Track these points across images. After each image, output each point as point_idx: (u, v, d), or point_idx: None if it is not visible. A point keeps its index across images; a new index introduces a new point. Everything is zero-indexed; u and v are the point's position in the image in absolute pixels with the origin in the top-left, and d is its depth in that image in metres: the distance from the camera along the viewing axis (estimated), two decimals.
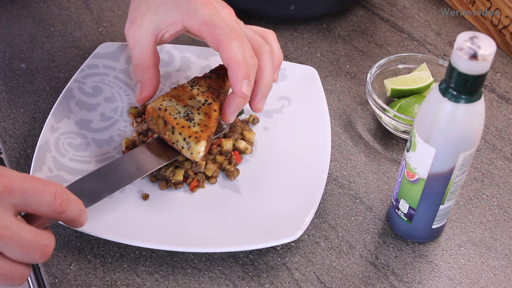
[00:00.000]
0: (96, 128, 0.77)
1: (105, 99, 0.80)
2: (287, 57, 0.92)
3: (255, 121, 0.80)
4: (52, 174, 0.71)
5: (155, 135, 0.75)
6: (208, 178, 0.74)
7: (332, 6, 0.96)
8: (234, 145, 0.76)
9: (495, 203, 0.76)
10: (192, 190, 0.73)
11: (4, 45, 0.91)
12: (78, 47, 0.91)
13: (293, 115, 0.80)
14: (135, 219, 0.69)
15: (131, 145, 0.75)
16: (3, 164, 0.80)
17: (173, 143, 0.70)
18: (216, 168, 0.74)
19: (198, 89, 0.73)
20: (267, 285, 0.67)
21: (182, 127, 0.69)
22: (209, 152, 0.74)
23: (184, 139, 0.69)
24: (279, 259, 0.69)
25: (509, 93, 0.89)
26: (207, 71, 0.79)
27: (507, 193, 0.77)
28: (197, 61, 0.85)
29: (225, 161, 0.75)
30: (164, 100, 0.71)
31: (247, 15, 0.98)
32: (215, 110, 0.71)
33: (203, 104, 0.71)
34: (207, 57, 0.85)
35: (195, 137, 0.69)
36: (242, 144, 0.76)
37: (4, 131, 0.80)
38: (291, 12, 0.93)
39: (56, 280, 0.66)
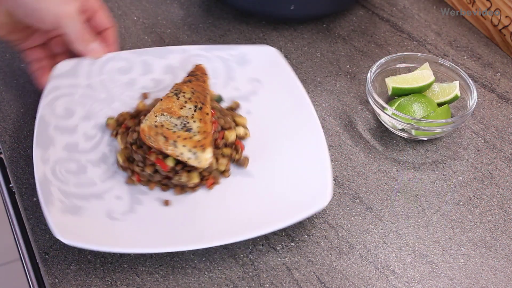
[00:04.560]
0: (85, 149, 0.75)
1: (81, 118, 0.77)
2: (287, 57, 0.92)
3: (236, 106, 0.81)
4: (65, 205, 0.68)
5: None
6: (222, 172, 0.74)
7: (332, 6, 0.96)
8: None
9: (495, 203, 0.76)
10: (210, 187, 0.73)
11: (4, 45, 0.91)
12: None
13: (269, 94, 0.81)
14: (160, 225, 0.69)
15: (129, 158, 0.74)
16: (3, 164, 0.80)
17: (177, 156, 0.70)
18: (227, 161, 0.74)
19: (184, 96, 0.73)
20: (267, 285, 0.67)
21: (184, 139, 0.69)
22: (216, 146, 0.74)
23: (190, 150, 0.69)
24: (279, 259, 0.69)
25: (509, 93, 0.89)
26: (170, 70, 0.80)
27: (507, 193, 0.77)
28: (158, 62, 0.82)
29: (233, 152, 0.75)
30: (157, 116, 0.71)
31: (247, 15, 0.98)
32: (207, 114, 0.72)
33: (195, 111, 0.72)
34: (166, 55, 0.83)
35: (200, 146, 0.69)
36: (241, 131, 0.77)
37: (4, 131, 0.80)
38: (291, 12, 0.93)
39: (56, 280, 0.66)
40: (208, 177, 0.73)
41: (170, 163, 0.71)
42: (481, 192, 0.77)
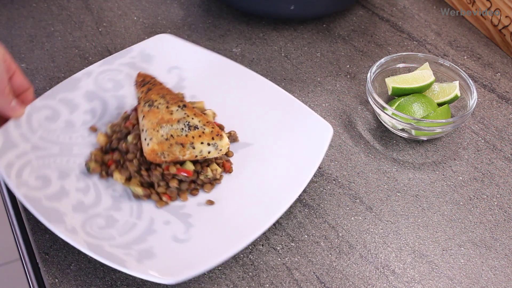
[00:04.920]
0: (93, 202, 0.71)
1: (59, 178, 0.72)
2: (287, 57, 0.92)
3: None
4: (135, 255, 0.66)
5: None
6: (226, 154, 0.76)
7: (332, 6, 0.96)
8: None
9: (495, 203, 0.76)
10: (229, 171, 0.74)
11: (4, 45, 0.91)
12: (78, 47, 0.91)
13: (196, 71, 0.82)
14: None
15: (143, 184, 0.72)
16: None
17: (196, 156, 0.71)
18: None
19: (160, 103, 0.73)
20: (267, 285, 0.67)
21: (199, 136, 0.70)
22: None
23: (209, 144, 0.70)
24: (279, 259, 0.69)
25: (509, 93, 0.89)
26: (93, 96, 0.78)
27: (507, 193, 0.77)
28: (75, 94, 0.78)
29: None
30: (158, 131, 0.70)
31: (247, 15, 0.98)
32: (193, 107, 0.73)
33: (182, 108, 0.72)
34: (76, 86, 0.79)
35: (216, 135, 0.71)
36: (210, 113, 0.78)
37: None
38: (291, 12, 0.93)
39: (56, 280, 0.66)
40: (223, 163, 0.74)
41: (191, 166, 0.72)
42: (481, 192, 0.77)
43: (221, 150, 0.72)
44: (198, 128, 0.71)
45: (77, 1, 0.99)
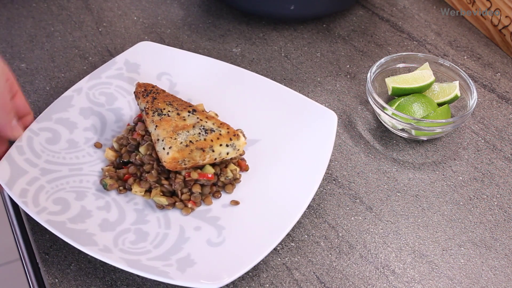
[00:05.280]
0: (119, 218, 0.70)
1: (77, 199, 0.71)
2: (287, 57, 0.92)
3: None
4: (174, 266, 0.66)
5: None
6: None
7: (332, 6, 0.96)
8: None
9: (495, 203, 0.76)
10: (246, 169, 0.75)
11: (4, 45, 0.91)
12: (78, 47, 0.91)
13: (188, 77, 0.82)
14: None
15: (165, 193, 0.72)
16: None
17: (215, 159, 0.71)
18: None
19: (170, 111, 0.73)
20: (267, 285, 0.67)
21: (218, 139, 0.70)
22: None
23: (227, 145, 0.71)
24: (279, 259, 0.69)
25: (509, 93, 0.89)
26: (87, 112, 0.78)
27: (507, 193, 0.77)
28: (69, 114, 0.78)
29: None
30: (175, 139, 0.70)
31: (247, 15, 0.98)
32: (203, 110, 0.73)
33: (192, 113, 0.72)
34: (70, 104, 0.78)
35: (233, 135, 0.71)
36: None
37: None
38: (291, 12, 0.93)
39: (56, 280, 0.66)
40: (238, 162, 0.75)
41: (211, 170, 0.72)
42: (481, 192, 0.77)
43: (238, 150, 0.72)
44: (214, 131, 0.71)
45: (77, 1, 0.99)
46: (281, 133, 0.78)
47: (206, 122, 0.72)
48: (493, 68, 0.92)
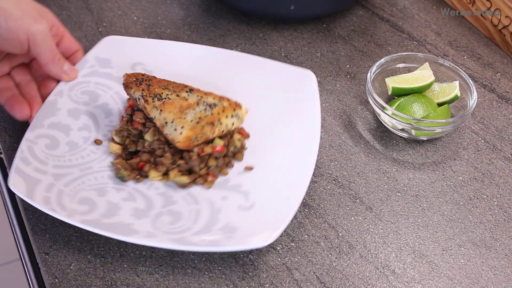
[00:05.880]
0: (146, 205, 0.71)
1: (98, 192, 0.72)
2: (287, 57, 0.92)
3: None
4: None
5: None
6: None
7: (332, 6, 0.96)
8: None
9: (495, 203, 0.76)
10: (247, 137, 0.78)
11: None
12: None
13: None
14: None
15: (184, 173, 0.74)
16: (3, 164, 0.80)
17: (223, 131, 0.73)
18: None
19: (169, 94, 0.74)
20: (267, 285, 0.67)
21: (223, 111, 0.73)
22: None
23: (232, 116, 0.74)
24: (279, 259, 0.69)
25: (509, 93, 0.89)
26: (74, 113, 0.78)
27: (507, 193, 0.77)
28: (61, 117, 0.77)
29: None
30: (185, 119, 0.72)
31: (247, 15, 0.98)
32: (198, 88, 0.76)
33: (191, 92, 0.74)
34: (56, 109, 0.78)
35: (236, 106, 0.74)
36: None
37: (4, 131, 0.80)
38: (291, 12, 0.93)
39: (56, 280, 0.66)
40: (239, 131, 0.77)
41: (220, 142, 0.74)
42: (481, 192, 0.77)
43: (242, 118, 0.75)
44: (217, 105, 0.73)
45: (77, 1, 0.99)
46: (266, 100, 0.81)
47: (207, 98, 0.74)
48: (493, 68, 0.92)
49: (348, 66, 0.91)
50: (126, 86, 0.76)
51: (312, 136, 0.75)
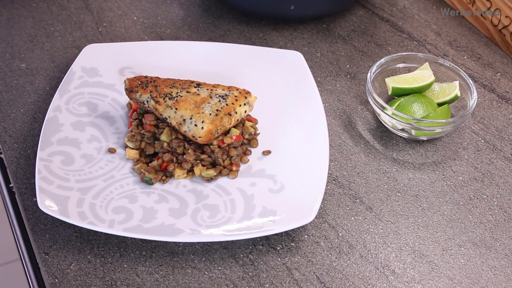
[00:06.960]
0: (178, 202, 0.72)
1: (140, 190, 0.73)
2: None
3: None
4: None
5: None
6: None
7: (332, 6, 0.96)
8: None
9: (495, 203, 0.76)
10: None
11: (4, 45, 0.91)
12: (78, 47, 0.91)
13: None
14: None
15: (208, 167, 0.75)
16: (3, 164, 0.80)
17: (238, 119, 0.75)
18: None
19: (178, 92, 0.75)
20: (267, 285, 0.67)
21: (236, 101, 0.74)
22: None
23: (245, 104, 0.75)
24: (279, 259, 0.69)
25: (509, 93, 0.89)
26: (79, 127, 0.78)
27: (507, 193, 0.77)
28: (67, 132, 0.78)
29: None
30: (203, 113, 0.72)
31: (247, 15, 0.98)
32: (204, 82, 0.77)
33: (200, 87, 0.76)
34: (59, 128, 0.78)
35: (246, 93, 0.76)
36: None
37: (4, 131, 0.80)
38: (291, 12, 0.93)
39: (56, 280, 0.66)
40: (248, 118, 0.79)
41: (236, 131, 0.75)
42: (481, 192, 0.77)
43: (252, 105, 0.76)
44: (229, 95, 0.75)
45: (77, 1, 0.99)
46: (261, 84, 0.83)
47: (217, 90, 0.75)
48: (493, 68, 0.92)
49: (348, 66, 0.91)
50: (131, 90, 0.76)
51: (316, 110, 0.77)
